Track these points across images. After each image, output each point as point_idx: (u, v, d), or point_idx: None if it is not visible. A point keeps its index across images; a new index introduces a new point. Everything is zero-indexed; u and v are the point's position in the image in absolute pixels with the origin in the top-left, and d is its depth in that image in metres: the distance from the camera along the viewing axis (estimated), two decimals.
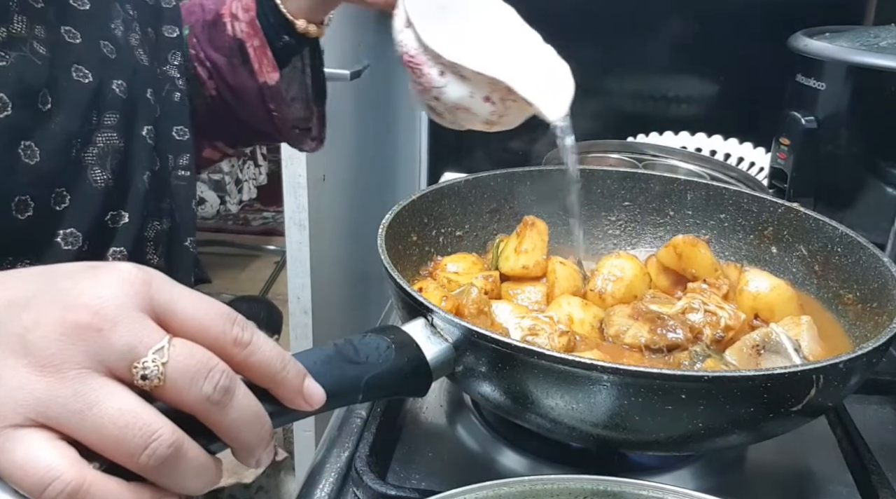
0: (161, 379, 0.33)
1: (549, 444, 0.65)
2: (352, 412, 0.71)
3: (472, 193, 0.78)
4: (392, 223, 0.67)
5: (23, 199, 0.47)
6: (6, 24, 0.47)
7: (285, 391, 0.38)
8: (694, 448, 0.60)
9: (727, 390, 0.49)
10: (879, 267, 0.64)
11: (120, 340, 0.33)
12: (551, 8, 1.41)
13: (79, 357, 0.32)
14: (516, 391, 0.53)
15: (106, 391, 0.32)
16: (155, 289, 0.34)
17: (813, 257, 0.72)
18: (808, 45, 0.94)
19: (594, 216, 0.82)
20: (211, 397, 0.33)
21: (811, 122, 0.93)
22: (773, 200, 0.77)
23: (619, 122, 1.29)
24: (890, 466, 0.62)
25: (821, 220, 0.72)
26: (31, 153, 0.48)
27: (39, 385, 0.32)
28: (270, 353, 0.36)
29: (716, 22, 1.34)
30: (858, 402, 0.72)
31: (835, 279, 0.70)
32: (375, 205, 1.51)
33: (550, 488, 0.45)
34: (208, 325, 0.35)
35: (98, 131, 0.53)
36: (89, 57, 0.53)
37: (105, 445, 0.32)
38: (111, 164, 0.53)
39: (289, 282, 1.29)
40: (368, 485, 0.57)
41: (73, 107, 0.51)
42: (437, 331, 0.53)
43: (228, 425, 0.34)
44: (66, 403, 0.32)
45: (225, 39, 0.71)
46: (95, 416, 0.32)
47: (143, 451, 0.32)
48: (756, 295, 0.68)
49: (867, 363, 0.53)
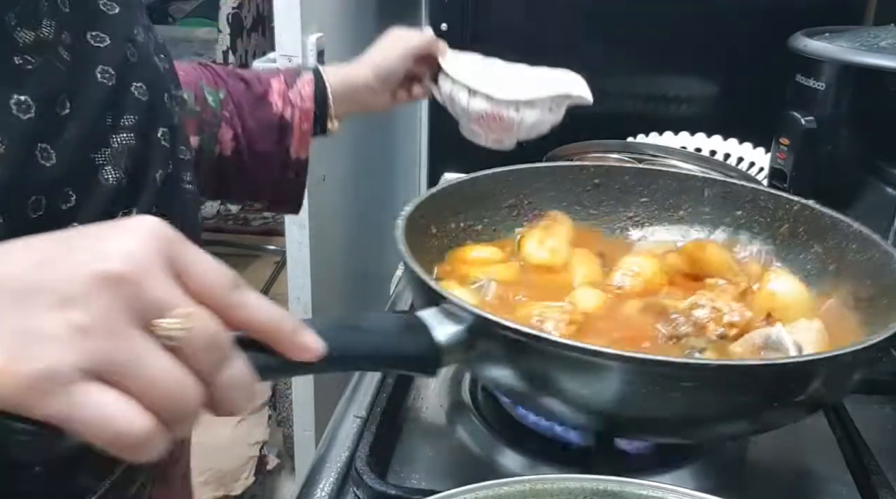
0: (183, 342, 0.34)
1: (549, 444, 0.65)
2: (352, 412, 0.71)
3: (491, 188, 0.79)
4: (412, 215, 0.68)
5: (37, 198, 0.48)
6: (35, 29, 0.48)
7: (285, 344, 0.40)
8: (696, 436, 0.61)
9: (732, 379, 0.50)
10: (892, 264, 0.65)
11: (153, 295, 0.33)
12: (552, 8, 1.41)
13: (120, 309, 0.33)
14: (526, 376, 0.53)
15: (149, 347, 0.33)
16: (177, 247, 0.36)
17: (828, 254, 0.73)
18: (808, 46, 0.94)
19: (612, 212, 0.83)
20: (214, 364, 0.35)
21: (811, 123, 0.93)
22: (790, 197, 0.77)
23: (619, 122, 1.29)
24: (890, 466, 0.62)
25: (836, 217, 0.72)
26: (47, 156, 0.48)
27: (91, 341, 0.32)
28: (267, 310, 0.39)
29: (716, 22, 1.34)
30: (858, 402, 0.72)
31: (849, 276, 0.70)
32: (375, 205, 1.51)
33: (550, 488, 0.45)
34: (216, 288, 0.37)
35: (114, 132, 0.53)
36: (113, 60, 0.54)
37: (152, 398, 0.33)
38: (125, 164, 0.54)
39: (289, 282, 1.29)
40: (368, 485, 0.58)
41: (90, 110, 0.51)
42: (450, 317, 0.53)
43: (223, 388, 0.36)
44: (119, 358, 0.32)
45: (269, 116, 0.82)
46: (146, 372, 0.33)
47: (181, 404, 0.34)
48: (773, 294, 0.68)
49: (870, 357, 0.54)
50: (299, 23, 1.11)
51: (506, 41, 1.44)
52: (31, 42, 0.47)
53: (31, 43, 0.47)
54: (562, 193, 0.82)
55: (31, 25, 0.47)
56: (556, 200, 0.81)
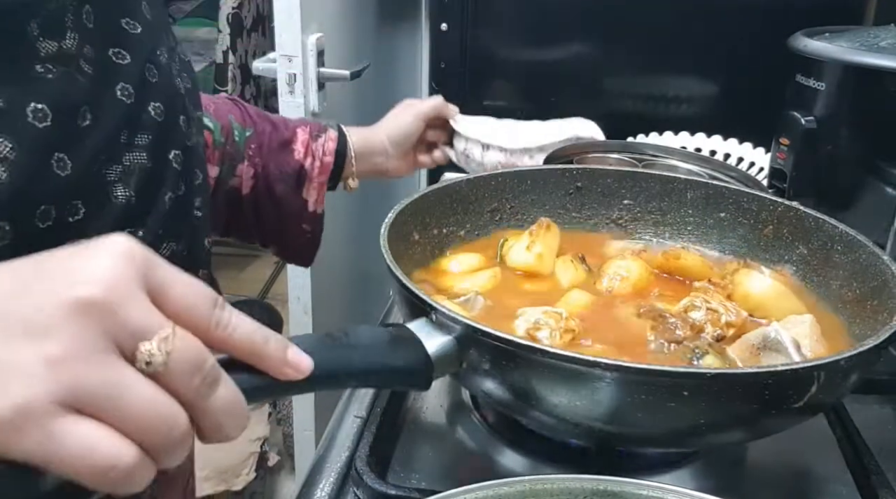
0: (164, 367, 0.33)
1: (549, 444, 0.65)
2: (352, 412, 0.71)
3: (473, 193, 0.79)
4: (395, 222, 0.67)
5: (47, 208, 0.47)
6: (59, 40, 0.48)
7: (271, 363, 0.39)
8: (696, 444, 0.60)
9: (729, 388, 0.49)
10: (879, 265, 0.64)
11: (131, 321, 0.32)
12: (552, 8, 1.41)
13: (96, 337, 0.31)
14: (519, 388, 0.53)
15: (129, 376, 0.32)
16: (151, 267, 0.34)
17: (813, 256, 0.72)
18: (807, 46, 0.94)
19: (595, 215, 0.83)
20: (198, 389, 0.34)
21: (811, 123, 0.93)
22: (773, 198, 0.77)
23: (619, 122, 1.29)
24: (890, 466, 0.62)
25: (820, 218, 0.72)
26: (63, 166, 0.48)
27: (66, 372, 0.31)
28: (251, 329, 0.38)
29: (716, 22, 1.34)
30: (858, 402, 0.72)
31: (835, 277, 0.70)
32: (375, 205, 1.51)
33: (550, 488, 0.45)
34: (196, 308, 0.35)
35: (127, 150, 0.53)
36: (133, 78, 0.54)
37: (136, 429, 0.32)
38: (136, 182, 0.53)
39: (289, 282, 1.29)
40: (368, 485, 0.58)
41: (108, 125, 0.51)
42: (440, 328, 0.53)
43: (211, 414, 0.35)
44: (97, 389, 0.31)
45: (290, 162, 0.85)
46: (127, 402, 0.32)
47: (167, 433, 0.33)
48: (746, 295, 0.68)
49: (868, 360, 0.53)
50: (299, 23, 1.11)
51: (505, 42, 1.44)
52: (54, 52, 0.47)
53: (53, 53, 0.47)
54: (544, 196, 0.81)
55: (54, 36, 0.47)
56: (539, 204, 0.81)
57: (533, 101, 1.44)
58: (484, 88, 1.47)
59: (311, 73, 1.15)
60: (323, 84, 1.18)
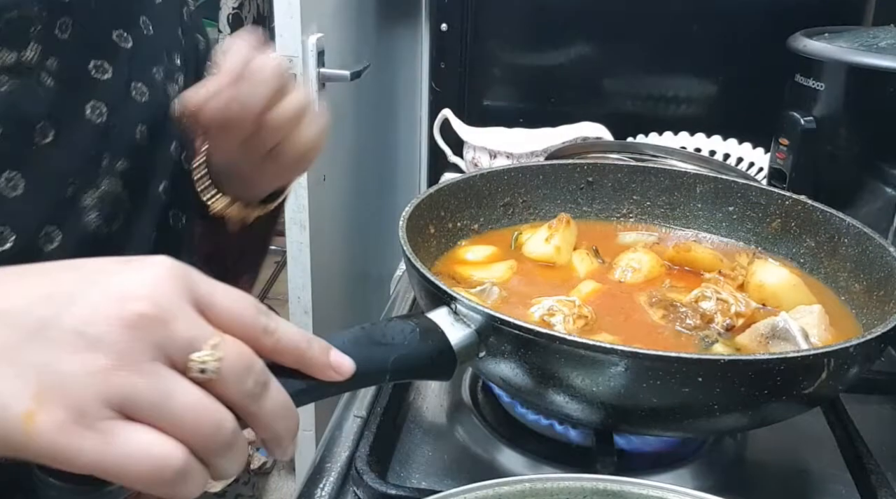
0: (216, 374, 0.34)
1: (549, 444, 0.65)
2: (352, 412, 0.71)
3: (487, 187, 0.80)
4: (412, 215, 0.69)
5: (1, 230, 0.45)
6: (18, 50, 0.46)
7: (315, 366, 0.40)
8: (705, 429, 0.61)
9: (742, 374, 0.50)
10: (886, 257, 0.66)
11: (182, 333, 0.33)
12: (552, 8, 1.41)
13: (147, 349, 0.32)
14: (537, 374, 0.54)
15: (177, 383, 0.33)
16: (195, 282, 0.35)
17: (820, 248, 0.74)
18: (807, 46, 0.94)
19: (605, 209, 0.84)
20: (252, 392, 0.35)
21: (810, 123, 0.93)
22: (781, 192, 0.78)
23: (619, 123, 1.29)
24: (889, 465, 0.62)
25: (827, 211, 0.73)
26: (14, 185, 0.46)
27: (117, 379, 0.32)
28: (295, 335, 0.38)
29: (716, 22, 1.34)
30: (858, 401, 0.72)
31: (842, 269, 0.71)
32: (375, 205, 1.52)
33: (550, 488, 0.45)
34: (241, 317, 0.36)
35: (106, 175, 0.51)
36: (112, 96, 0.51)
37: (183, 431, 0.33)
38: (111, 210, 0.51)
39: (289, 282, 1.29)
40: (368, 484, 0.58)
41: (79, 145, 0.49)
42: (460, 318, 0.53)
43: (264, 417, 0.36)
44: (146, 395, 0.32)
45: None
46: (174, 406, 0.32)
47: (214, 434, 0.33)
48: (761, 285, 0.69)
49: (876, 348, 0.54)
50: (299, 23, 1.11)
51: (506, 42, 1.44)
52: (11, 63, 0.46)
53: (10, 64, 0.45)
54: (556, 191, 0.83)
55: (11, 47, 0.46)
56: (550, 198, 0.83)
57: (533, 101, 1.44)
58: (484, 89, 1.47)
59: (311, 73, 1.15)
60: (323, 84, 1.18)
